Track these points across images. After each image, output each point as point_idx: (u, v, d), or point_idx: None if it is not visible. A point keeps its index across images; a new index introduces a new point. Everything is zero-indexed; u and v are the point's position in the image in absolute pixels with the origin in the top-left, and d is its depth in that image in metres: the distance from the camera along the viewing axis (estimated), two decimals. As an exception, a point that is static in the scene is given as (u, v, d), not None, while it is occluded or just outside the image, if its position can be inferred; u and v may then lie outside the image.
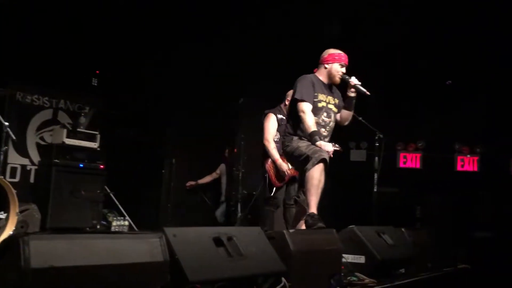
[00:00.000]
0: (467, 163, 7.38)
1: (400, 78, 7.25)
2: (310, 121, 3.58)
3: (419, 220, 7.12)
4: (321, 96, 3.74)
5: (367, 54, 6.75)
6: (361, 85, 3.71)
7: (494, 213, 6.86)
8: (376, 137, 5.11)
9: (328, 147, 3.52)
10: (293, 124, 3.74)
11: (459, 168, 7.38)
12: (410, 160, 7.56)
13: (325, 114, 3.75)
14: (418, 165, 7.49)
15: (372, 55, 6.85)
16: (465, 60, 6.91)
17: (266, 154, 4.72)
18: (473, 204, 7.10)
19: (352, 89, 3.74)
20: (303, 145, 3.60)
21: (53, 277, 1.66)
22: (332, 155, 3.58)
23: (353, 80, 3.72)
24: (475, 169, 7.33)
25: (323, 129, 3.74)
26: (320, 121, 3.73)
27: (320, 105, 3.72)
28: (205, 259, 2.22)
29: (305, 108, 3.62)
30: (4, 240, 1.83)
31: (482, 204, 7.10)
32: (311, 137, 3.56)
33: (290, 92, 4.03)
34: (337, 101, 3.87)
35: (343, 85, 3.84)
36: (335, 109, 3.85)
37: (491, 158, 7.29)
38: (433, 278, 3.81)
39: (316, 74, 3.85)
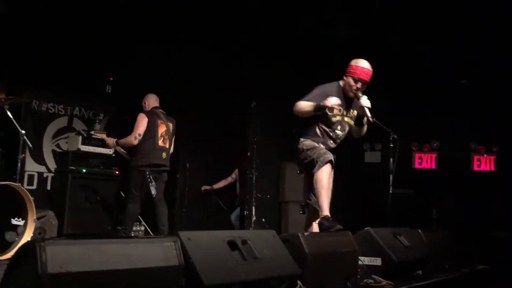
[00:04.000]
0: (484, 163, 7.27)
1: (415, 77, 7.18)
2: (303, 103, 3.48)
3: (435, 221, 7.03)
4: (336, 110, 3.63)
5: (381, 52, 6.71)
6: (369, 109, 3.56)
7: (512, 213, 6.75)
8: (391, 138, 5.05)
9: (334, 100, 3.41)
10: (298, 127, 3.72)
11: (475, 168, 7.27)
12: (425, 160, 7.47)
13: (339, 127, 3.71)
14: (433, 166, 7.39)
15: (386, 53, 6.80)
16: (479, 58, 6.82)
17: None
18: (490, 204, 6.99)
19: (362, 110, 3.65)
20: (308, 147, 3.57)
21: (69, 282, 1.67)
22: (341, 109, 3.52)
23: (362, 101, 3.58)
24: (492, 168, 7.22)
25: (331, 141, 3.70)
26: (332, 134, 3.70)
27: (334, 119, 3.67)
28: (220, 263, 2.22)
29: (299, 102, 3.53)
30: (22, 246, 1.86)
31: (500, 204, 6.98)
32: (317, 109, 3.44)
33: None
34: (356, 113, 3.80)
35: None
36: (351, 122, 3.79)
37: (508, 157, 7.17)
38: (451, 280, 3.76)
39: (341, 83, 3.76)
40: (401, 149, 5.43)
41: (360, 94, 3.61)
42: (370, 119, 3.56)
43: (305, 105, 3.47)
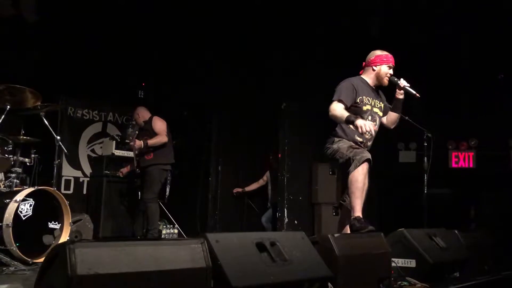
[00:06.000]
0: (524, 160, 6.98)
1: (450, 73, 6.98)
2: (339, 110, 3.46)
3: (474, 221, 6.80)
4: (366, 99, 3.63)
5: (414, 49, 6.56)
6: (410, 86, 3.62)
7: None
8: (425, 137, 4.93)
9: (368, 124, 3.35)
10: (332, 125, 3.67)
11: (515, 165, 6.99)
12: (462, 159, 7.24)
13: (369, 118, 3.64)
14: (471, 165, 7.16)
15: (419, 50, 6.64)
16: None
17: None
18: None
19: (401, 91, 3.64)
20: (344, 146, 3.52)
21: (98, 284, 1.70)
22: (373, 134, 3.50)
23: (402, 82, 3.62)
24: (533, 166, 6.92)
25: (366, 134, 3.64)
26: None
27: (365, 108, 3.62)
28: (248, 265, 2.21)
29: (334, 105, 3.52)
30: (53, 248, 1.90)
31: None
32: (348, 121, 3.40)
33: None
34: (382, 104, 3.77)
35: (390, 87, 3.73)
36: (380, 113, 3.74)
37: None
38: (490, 282, 3.62)
39: (362, 76, 3.76)
40: (437, 148, 5.29)
41: (395, 78, 3.66)
42: (417, 95, 3.57)
43: (340, 115, 3.47)
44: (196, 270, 1.98)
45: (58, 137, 4.32)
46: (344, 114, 3.43)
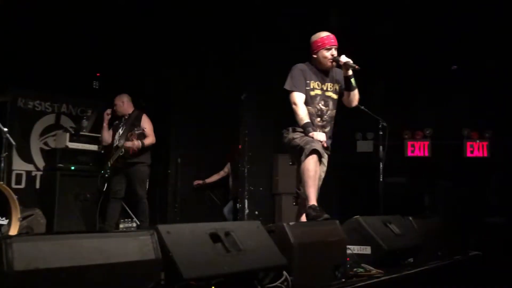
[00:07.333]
0: (477, 149, 7.23)
1: (405, 65, 7.13)
2: (302, 112, 3.53)
3: (428, 209, 7.01)
4: (314, 84, 3.65)
5: (371, 41, 6.65)
6: (353, 62, 3.58)
7: (506, 198, 6.72)
8: (380, 126, 5.02)
9: (321, 136, 3.46)
10: (288, 115, 3.67)
11: (468, 154, 7.23)
12: (418, 148, 7.42)
13: (322, 102, 3.66)
14: (426, 153, 7.35)
15: (376, 42, 6.74)
16: (468, 43, 6.77)
17: None
18: (483, 190, 6.97)
19: (347, 68, 3.62)
20: (297, 136, 3.54)
21: (38, 279, 1.62)
22: (326, 144, 3.51)
23: (342, 59, 3.60)
24: (485, 154, 7.18)
25: (319, 119, 3.66)
26: (316, 110, 3.65)
27: (313, 93, 3.64)
28: (201, 256, 2.16)
29: (296, 99, 3.56)
30: (-10, 244, 1.79)
31: (493, 190, 6.96)
32: (304, 129, 3.51)
33: None
34: (337, 86, 3.77)
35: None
36: (334, 96, 3.75)
37: (501, 142, 7.13)
38: (443, 267, 3.72)
39: (311, 61, 3.76)
40: (393, 138, 5.40)
41: (338, 57, 3.63)
42: (357, 67, 3.55)
43: (300, 117, 3.54)
44: (145, 262, 1.92)
45: (6, 129, 4.13)
46: (305, 119, 3.50)
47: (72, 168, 5.60)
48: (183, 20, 6.27)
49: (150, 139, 5.32)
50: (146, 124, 5.34)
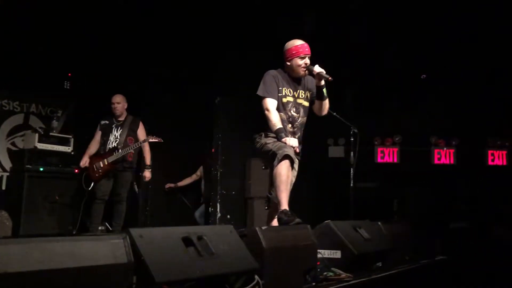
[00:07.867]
0: (444, 156, 7.45)
1: (376, 73, 7.29)
2: (274, 118, 3.57)
3: (396, 214, 7.16)
4: (287, 91, 3.69)
5: (343, 49, 6.77)
6: (326, 73, 3.62)
7: (470, 204, 6.95)
8: (351, 132, 5.11)
9: (293, 142, 3.50)
10: (260, 120, 3.70)
11: (436, 161, 7.44)
12: (387, 154, 7.59)
13: (293, 109, 3.71)
14: (395, 160, 7.53)
15: (348, 49, 6.86)
16: (437, 53, 6.97)
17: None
18: (450, 196, 7.18)
19: (320, 78, 3.67)
20: (269, 141, 3.58)
21: (7, 284, 1.58)
22: (298, 150, 3.56)
23: (316, 69, 3.63)
24: (452, 161, 7.40)
25: (290, 125, 3.70)
26: (287, 116, 3.70)
27: (285, 100, 3.68)
28: (173, 259, 2.16)
29: (269, 105, 3.60)
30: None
31: (459, 196, 7.18)
32: (277, 135, 3.56)
33: None
34: (308, 94, 3.82)
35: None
36: (305, 103, 3.80)
37: (467, 150, 7.37)
38: (410, 271, 3.82)
39: (283, 69, 3.80)
40: (364, 144, 5.50)
41: (311, 66, 3.67)
42: (330, 78, 3.59)
43: (273, 123, 3.58)
44: (117, 266, 1.90)
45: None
46: (277, 125, 3.55)
47: (41, 169, 5.47)
48: (159, 22, 6.23)
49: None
50: (143, 131, 5.67)
